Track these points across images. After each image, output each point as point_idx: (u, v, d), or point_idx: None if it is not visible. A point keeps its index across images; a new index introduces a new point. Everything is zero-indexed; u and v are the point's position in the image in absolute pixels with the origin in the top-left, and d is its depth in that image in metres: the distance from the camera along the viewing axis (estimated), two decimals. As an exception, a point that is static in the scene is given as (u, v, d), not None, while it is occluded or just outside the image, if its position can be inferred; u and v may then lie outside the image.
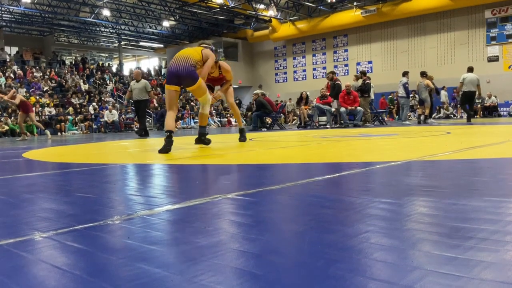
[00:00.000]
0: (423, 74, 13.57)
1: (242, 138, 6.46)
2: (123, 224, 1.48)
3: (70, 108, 20.94)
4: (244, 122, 23.11)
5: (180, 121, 22.77)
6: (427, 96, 13.41)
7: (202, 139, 5.49)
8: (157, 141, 8.13)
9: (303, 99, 15.25)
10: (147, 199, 2.06)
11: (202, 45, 5.71)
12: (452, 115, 20.35)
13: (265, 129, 13.98)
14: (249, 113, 21.29)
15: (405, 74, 13.97)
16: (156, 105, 23.85)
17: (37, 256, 1.17)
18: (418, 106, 14.55)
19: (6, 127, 17.25)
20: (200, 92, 5.33)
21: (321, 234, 1.26)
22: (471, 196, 1.79)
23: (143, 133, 11.43)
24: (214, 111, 25.74)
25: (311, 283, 0.89)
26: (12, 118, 18.22)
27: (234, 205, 1.75)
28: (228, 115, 25.94)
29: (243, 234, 1.30)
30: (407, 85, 13.62)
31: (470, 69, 12.83)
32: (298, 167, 3.29)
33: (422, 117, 13.58)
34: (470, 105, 13.00)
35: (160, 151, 4.70)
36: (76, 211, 1.77)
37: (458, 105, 20.27)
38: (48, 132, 14.40)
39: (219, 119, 25.05)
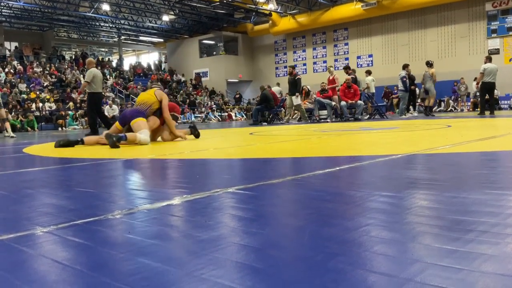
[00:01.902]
0: (428, 64, 13.51)
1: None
2: (123, 219, 1.48)
3: (71, 103, 20.92)
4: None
5: (180, 115, 22.73)
6: (431, 86, 13.35)
7: (113, 141, 5.41)
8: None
9: (303, 94, 15.23)
10: (147, 193, 2.06)
11: (153, 86, 6.29)
12: (453, 108, 20.31)
13: (266, 123, 13.97)
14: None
15: (405, 67, 13.86)
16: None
17: (38, 251, 1.17)
18: (423, 97, 14.45)
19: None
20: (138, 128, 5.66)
21: (321, 228, 1.26)
22: (472, 189, 1.79)
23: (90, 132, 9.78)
24: (214, 106, 25.72)
25: (311, 276, 0.89)
26: (13, 113, 18.21)
27: (235, 199, 1.75)
28: (229, 109, 25.93)
29: (244, 228, 1.30)
30: (404, 79, 13.52)
31: (490, 59, 12.53)
32: (299, 161, 3.29)
33: (423, 108, 13.48)
34: (490, 96, 12.81)
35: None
36: (77, 206, 1.77)
37: (459, 98, 20.27)
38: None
39: (220, 113, 25.04)
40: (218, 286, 0.86)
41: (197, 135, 6.48)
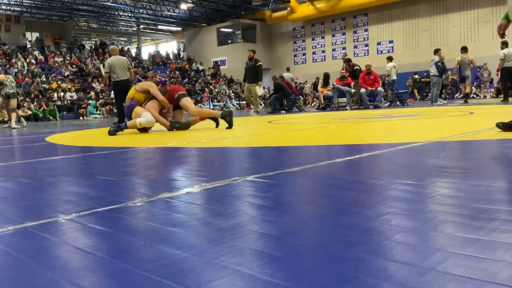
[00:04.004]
0: (465, 50, 13.12)
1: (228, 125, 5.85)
2: (144, 207, 1.49)
3: (92, 93, 21.16)
4: (263, 105, 23.04)
5: (199, 104, 22.85)
6: (470, 73, 12.99)
7: (114, 129, 5.79)
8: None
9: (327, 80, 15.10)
10: (167, 181, 2.08)
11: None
12: (475, 95, 19.91)
13: (284, 112, 13.92)
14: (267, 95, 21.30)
15: (436, 52, 13.35)
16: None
17: (61, 238, 1.19)
18: (446, 83, 14.07)
19: (29, 112, 17.56)
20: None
21: (341, 216, 1.26)
22: (495, 177, 1.76)
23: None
24: (233, 94, 25.73)
25: (331, 265, 0.89)
26: (35, 103, 18.52)
27: (254, 187, 1.75)
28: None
29: (263, 216, 1.30)
30: (439, 64, 13.07)
31: (506, 44, 12.24)
32: (318, 149, 3.27)
33: (460, 96, 13.06)
34: (511, 81, 12.45)
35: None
36: (98, 193, 1.79)
37: (481, 85, 19.85)
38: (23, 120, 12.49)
39: (238, 102, 25.03)
40: (238, 273, 0.86)
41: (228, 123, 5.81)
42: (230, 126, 5.73)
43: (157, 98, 6.05)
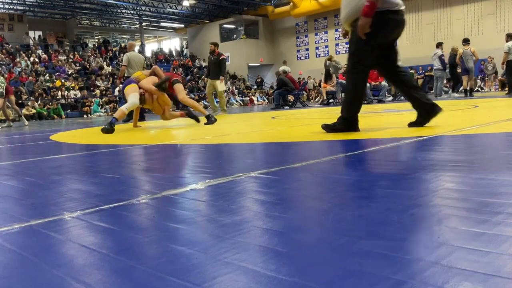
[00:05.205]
0: (467, 41, 12.97)
1: (209, 122, 6.27)
2: (148, 204, 1.50)
3: (98, 91, 21.20)
4: (269, 100, 23.03)
5: (202, 101, 22.87)
6: (473, 66, 12.84)
7: (106, 127, 5.63)
8: (179, 122, 8.18)
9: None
10: (171, 178, 2.08)
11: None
12: (480, 88, 19.82)
13: (288, 107, 13.91)
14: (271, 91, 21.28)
15: (439, 45, 13.28)
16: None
17: (66, 235, 1.19)
18: (464, 76, 13.88)
19: (33, 111, 17.62)
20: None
21: (345, 211, 1.25)
22: (500, 170, 1.75)
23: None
24: (236, 90, 25.72)
25: (335, 260, 0.89)
26: (39, 101, 18.57)
27: (257, 183, 1.75)
28: (250, 93, 25.86)
29: (267, 212, 1.30)
30: (443, 57, 12.97)
31: (511, 36, 12.21)
32: (321, 144, 3.27)
33: (468, 89, 12.94)
34: None
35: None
36: (103, 191, 1.80)
37: (486, 78, 19.75)
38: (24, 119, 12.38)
39: (241, 98, 25.02)
40: (242, 269, 0.86)
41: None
42: (203, 122, 6.30)
43: (157, 75, 6.28)
